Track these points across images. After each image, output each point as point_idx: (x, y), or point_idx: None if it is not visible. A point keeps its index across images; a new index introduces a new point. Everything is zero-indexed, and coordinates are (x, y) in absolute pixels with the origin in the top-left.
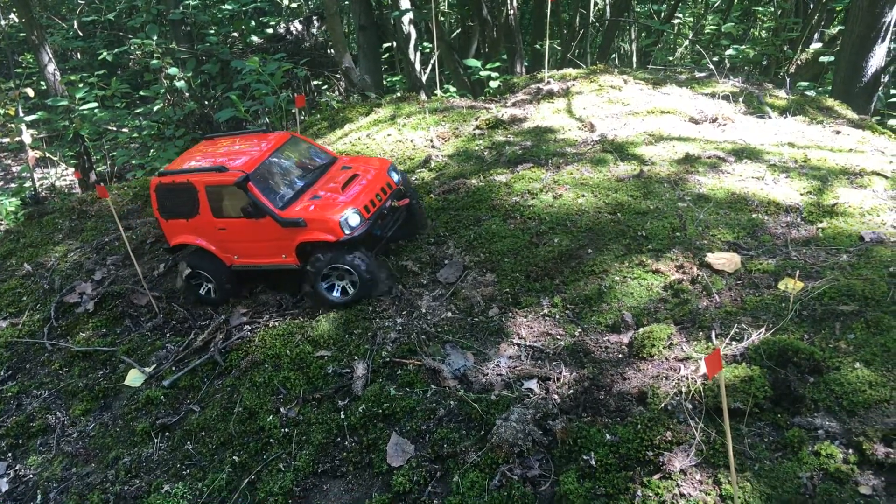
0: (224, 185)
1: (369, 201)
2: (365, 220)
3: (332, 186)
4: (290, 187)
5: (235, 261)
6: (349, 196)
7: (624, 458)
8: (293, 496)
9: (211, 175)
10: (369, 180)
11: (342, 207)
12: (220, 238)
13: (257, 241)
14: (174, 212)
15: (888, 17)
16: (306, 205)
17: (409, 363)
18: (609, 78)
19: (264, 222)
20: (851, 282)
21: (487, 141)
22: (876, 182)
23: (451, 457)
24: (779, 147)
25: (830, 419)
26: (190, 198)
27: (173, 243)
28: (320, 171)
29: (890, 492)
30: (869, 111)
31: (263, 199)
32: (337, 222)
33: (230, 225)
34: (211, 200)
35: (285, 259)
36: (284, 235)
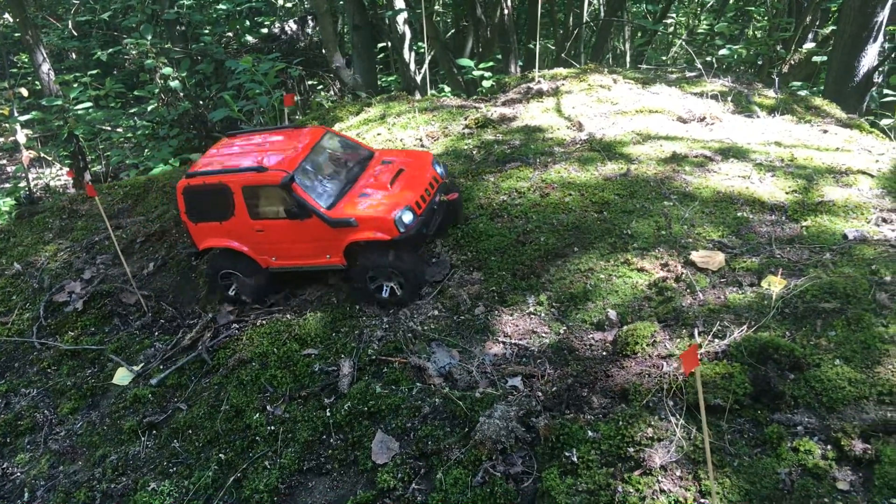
0: (264, 185)
1: (420, 197)
2: (417, 217)
3: (379, 182)
4: (334, 185)
5: (273, 262)
6: (399, 192)
7: (605, 455)
8: (278, 494)
9: (248, 175)
10: (416, 175)
11: (394, 205)
12: (257, 240)
13: (300, 242)
14: (205, 214)
15: (879, 17)
16: (355, 203)
17: (395, 361)
18: (599, 77)
19: (310, 223)
20: (833, 280)
21: (476, 140)
22: (861, 181)
23: (435, 454)
24: (766, 146)
25: (810, 415)
26: (224, 200)
27: (202, 247)
28: (360, 165)
29: (867, 487)
30: (861, 111)
31: (309, 199)
32: (391, 220)
33: (269, 227)
34: (248, 202)
35: (330, 259)
36: (332, 236)
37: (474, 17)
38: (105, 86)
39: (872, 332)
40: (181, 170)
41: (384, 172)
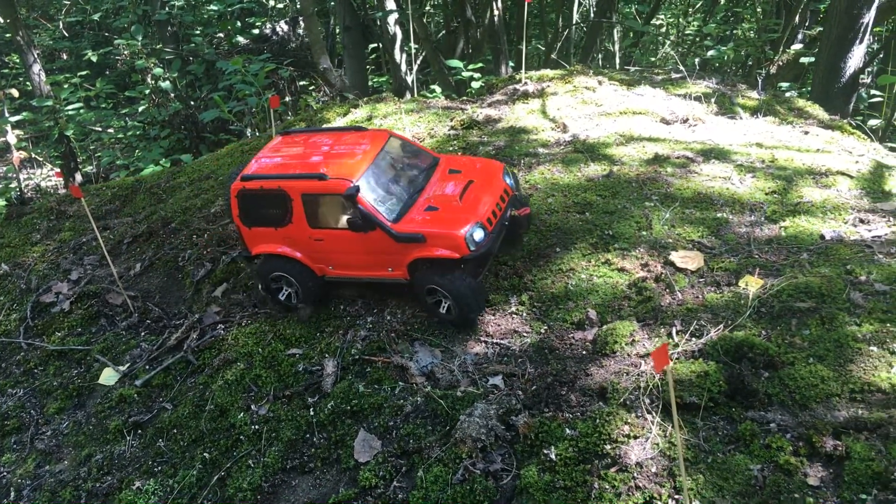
0: (325, 194)
1: (491, 212)
2: (489, 234)
3: (448, 195)
4: (399, 196)
5: (329, 271)
6: (469, 206)
7: (583, 452)
8: (261, 492)
9: (309, 183)
10: (486, 187)
11: (465, 220)
12: (314, 248)
13: (361, 254)
14: (260, 219)
15: (865, 19)
16: (422, 217)
17: (378, 361)
18: (584, 79)
19: (373, 235)
20: (809, 279)
21: (462, 141)
22: (841, 182)
23: (416, 452)
24: (747, 147)
25: (783, 413)
26: (281, 206)
27: (255, 252)
28: (426, 174)
29: (837, 483)
30: (848, 112)
31: (375, 211)
32: (462, 238)
33: (328, 236)
34: (307, 210)
35: (392, 273)
36: (397, 250)
37: (464, 18)
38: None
39: (846, 331)
40: (170, 170)
41: (452, 183)
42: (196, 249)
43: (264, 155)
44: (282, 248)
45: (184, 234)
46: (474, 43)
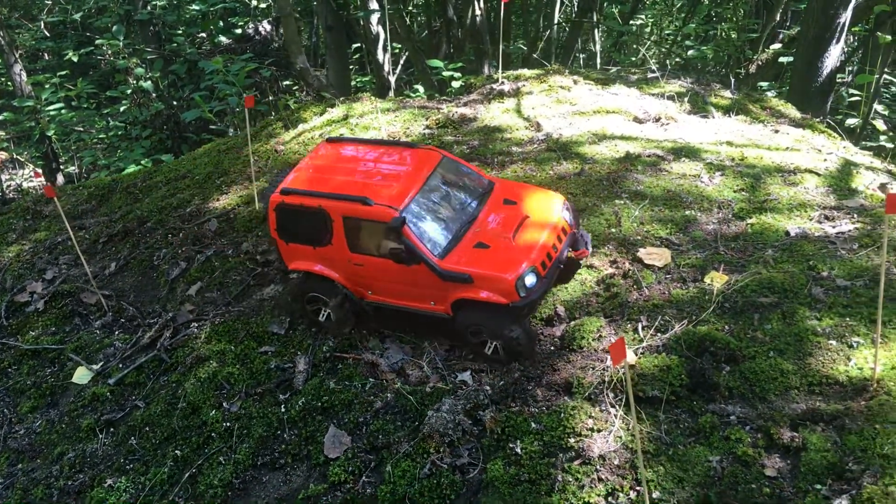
0: (368, 220)
1: (546, 255)
2: (542, 280)
3: (500, 231)
4: (448, 227)
5: (369, 296)
6: (523, 246)
7: (548, 446)
8: (232, 488)
9: (352, 206)
10: (543, 224)
11: (517, 262)
12: (354, 272)
13: (403, 285)
14: (298, 236)
15: (842, 19)
16: (471, 254)
17: (349, 357)
18: (559, 78)
19: (416, 269)
20: (773, 275)
21: (437, 141)
22: (808, 179)
23: (385, 447)
24: (717, 146)
25: (743, 406)
26: (321, 225)
27: (292, 267)
28: (478, 203)
29: (793, 474)
30: (825, 110)
31: (420, 245)
32: (512, 283)
33: (369, 263)
34: (348, 233)
35: (434, 307)
36: (440, 286)
37: (446, 18)
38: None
39: (806, 326)
40: (147, 170)
41: (506, 217)
42: (171, 248)
43: (306, 165)
44: (320, 267)
45: (159, 233)
46: (456, 43)
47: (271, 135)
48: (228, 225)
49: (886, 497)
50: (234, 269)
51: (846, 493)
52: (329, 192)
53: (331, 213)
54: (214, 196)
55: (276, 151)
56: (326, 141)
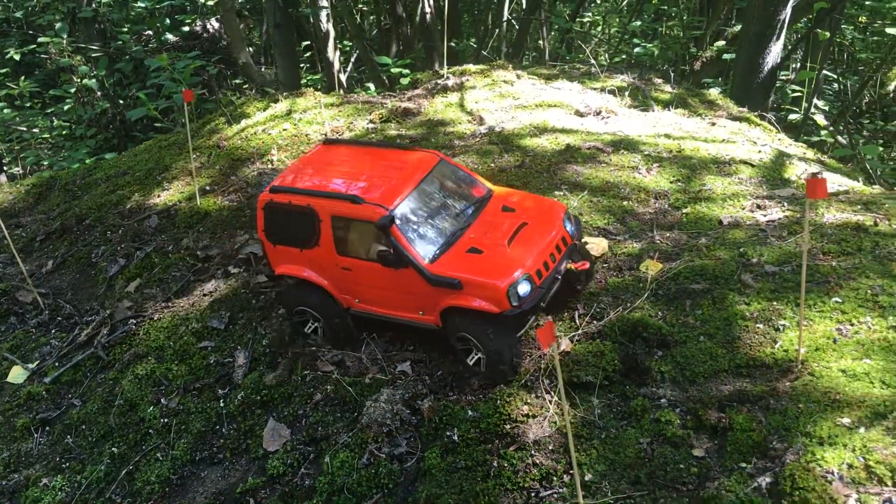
0: (357, 219)
1: (542, 264)
2: (536, 289)
3: (495, 237)
4: (441, 232)
5: (356, 305)
6: (518, 254)
7: (484, 433)
8: (170, 484)
9: (341, 204)
10: (541, 232)
11: (510, 270)
12: (341, 277)
13: (391, 291)
14: (285, 237)
15: (782, 16)
16: (462, 260)
17: (289, 351)
18: (503, 73)
19: (405, 273)
20: (705, 262)
21: (380, 135)
22: (743, 170)
23: (324, 439)
24: (656, 138)
25: (673, 389)
26: (309, 225)
27: (278, 272)
28: (475, 209)
29: (720, 453)
30: (767, 106)
31: (409, 247)
32: (504, 290)
33: (357, 267)
34: (336, 234)
35: (423, 317)
36: (429, 293)
37: (395, 16)
38: (20, 85)
39: (735, 310)
40: (87, 167)
41: (502, 224)
42: (110, 245)
43: (300, 165)
44: (307, 272)
45: (98, 230)
46: (405, 40)
47: (214, 130)
48: (169, 221)
49: (808, 473)
50: (175, 265)
51: (770, 471)
52: (318, 190)
53: (319, 213)
54: (155, 192)
55: (218, 147)
56: (323, 143)
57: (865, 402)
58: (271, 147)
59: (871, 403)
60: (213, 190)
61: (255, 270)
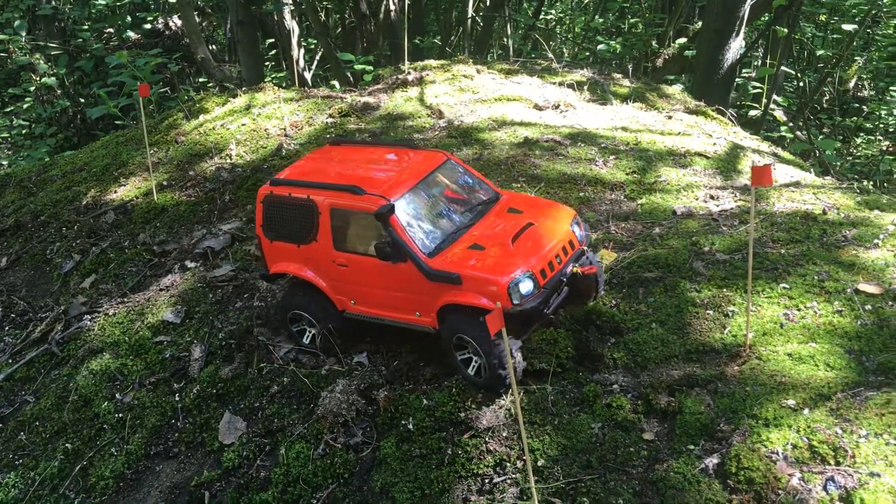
0: (357, 211)
1: (547, 264)
2: (539, 289)
3: (498, 235)
4: (443, 228)
5: (351, 307)
6: (522, 251)
7: (439, 421)
8: (125, 479)
9: (341, 196)
10: (548, 234)
11: (513, 266)
12: (337, 275)
13: (387, 290)
14: (283, 232)
15: (741, 13)
16: (463, 255)
17: (245, 344)
18: (463, 68)
19: (403, 268)
20: (658, 251)
21: (339, 129)
22: (697, 162)
23: (280, 431)
24: (613, 131)
25: (625, 374)
26: (307, 219)
27: (274, 270)
28: (480, 209)
29: (670, 436)
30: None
31: (408, 239)
32: (505, 286)
33: (354, 262)
34: (335, 227)
35: (419, 318)
36: (427, 290)
37: (359, 13)
38: None
39: (686, 297)
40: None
41: (507, 223)
42: (65, 242)
43: (304, 161)
44: (303, 270)
45: (53, 226)
46: (370, 37)
47: (172, 126)
48: (126, 217)
49: (753, 453)
50: (131, 260)
51: (716, 452)
52: (319, 182)
53: (318, 205)
54: (112, 188)
55: (176, 142)
56: (330, 142)
57: (810, 384)
58: (230, 142)
59: (815, 385)
60: (170, 185)
61: (212, 265)
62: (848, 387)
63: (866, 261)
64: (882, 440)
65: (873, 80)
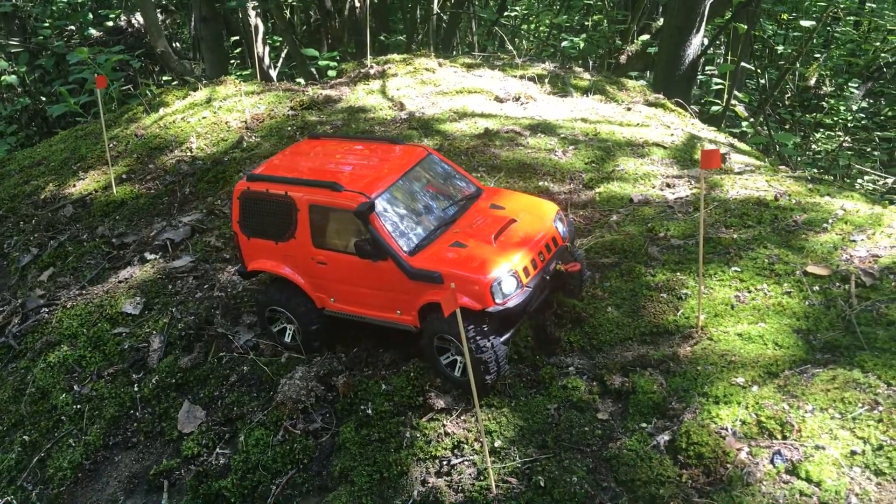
0: (335, 208)
1: (530, 262)
2: (522, 287)
3: (480, 232)
4: (424, 225)
5: (331, 304)
6: (504, 249)
7: (398, 405)
8: (83, 469)
9: (319, 192)
10: (530, 231)
11: (495, 265)
12: (316, 273)
13: (367, 288)
14: (260, 229)
15: (702, 9)
16: (445, 253)
17: (205, 334)
18: (425, 61)
19: (383, 267)
20: (615, 237)
21: (300, 121)
22: (655, 152)
23: (239, 418)
24: (573, 122)
25: (581, 357)
26: (285, 216)
27: (252, 268)
28: (462, 205)
29: (623, 416)
30: (689, 97)
31: (388, 237)
32: (488, 285)
33: (333, 260)
34: (313, 224)
35: (400, 317)
36: (408, 289)
37: (324, 10)
38: None
39: (641, 282)
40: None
41: (490, 220)
42: (23, 236)
43: (281, 156)
44: (282, 267)
45: (11, 220)
46: (335, 34)
47: (132, 120)
48: (84, 210)
49: (702, 429)
50: (90, 253)
51: (668, 430)
52: (297, 178)
53: (297, 202)
54: (70, 182)
55: (136, 136)
56: (309, 137)
57: (759, 362)
58: (190, 135)
59: (764, 363)
60: (129, 178)
61: (171, 256)
62: (795, 364)
63: (815, 244)
64: (827, 414)
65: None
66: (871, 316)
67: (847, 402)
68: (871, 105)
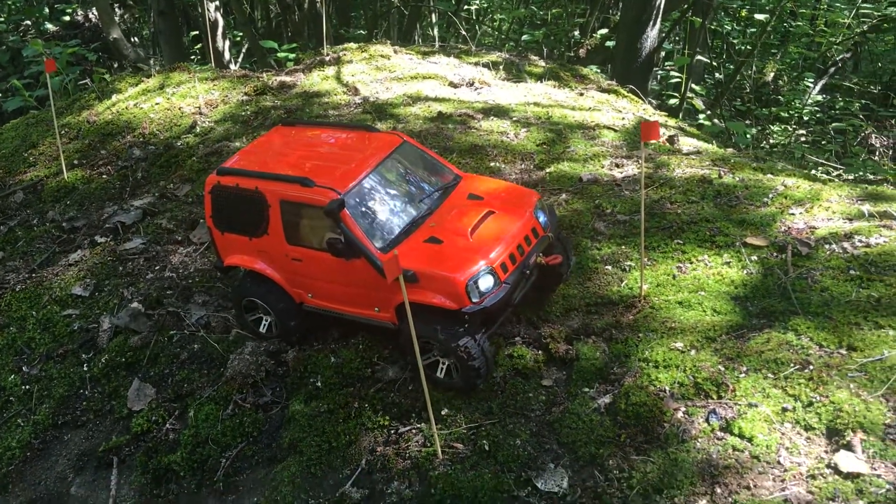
0: (307, 204)
1: (508, 256)
2: (500, 285)
3: (457, 225)
4: (398, 219)
5: (308, 300)
6: (481, 245)
7: (346, 377)
8: (31, 449)
9: (290, 188)
10: (509, 222)
11: (471, 262)
12: (292, 269)
13: (344, 285)
14: (233, 224)
15: (657, 2)
16: (419, 250)
17: (154, 314)
18: (381, 48)
19: (357, 264)
20: (564, 214)
21: (254, 106)
22: (606, 134)
23: (189, 395)
24: (526, 106)
25: (528, 328)
26: (257, 211)
27: (228, 263)
28: (439, 196)
29: (567, 382)
30: (647, 90)
31: (361, 235)
32: (463, 284)
33: (308, 257)
34: (286, 221)
35: (378, 314)
36: (384, 286)
37: (283, 4)
38: None
39: (588, 255)
40: None
41: (467, 211)
42: None
43: (253, 146)
44: (257, 263)
45: None
46: (294, 28)
47: (84, 107)
48: (35, 196)
49: (641, 391)
50: (39, 237)
51: (609, 393)
52: (267, 173)
53: (268, 197)
54: (21, 169)
55: (88, 122)
56: (281, 124)
57: (698, 328)
58: (143, 120)
59: (702, 329)
60: (81, 164)
61: (122, 238)
62: (732, 329)
63: (756, 217)
64: (760, 375)
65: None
66: (806, 283)
67: (780, 362)
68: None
